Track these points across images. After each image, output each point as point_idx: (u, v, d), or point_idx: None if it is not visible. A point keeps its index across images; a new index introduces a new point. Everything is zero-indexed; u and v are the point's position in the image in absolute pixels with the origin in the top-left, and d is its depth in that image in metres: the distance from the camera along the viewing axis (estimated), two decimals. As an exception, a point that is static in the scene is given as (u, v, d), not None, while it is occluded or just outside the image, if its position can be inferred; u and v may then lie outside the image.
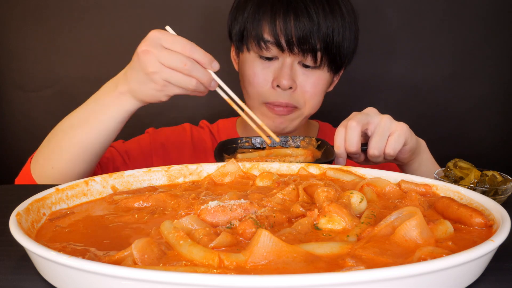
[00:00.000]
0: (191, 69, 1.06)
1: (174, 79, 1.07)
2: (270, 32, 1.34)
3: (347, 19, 1.38)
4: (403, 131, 1.12)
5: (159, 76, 1.07)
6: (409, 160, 1.21)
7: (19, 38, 1.95)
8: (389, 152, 1.12)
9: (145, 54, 1.06)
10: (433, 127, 1.98)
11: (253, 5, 1.38)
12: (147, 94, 1.12)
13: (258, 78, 1.39)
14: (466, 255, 0.58)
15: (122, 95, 1.14)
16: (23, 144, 2.02)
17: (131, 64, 1.12)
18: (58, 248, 0.66)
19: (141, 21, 1.94)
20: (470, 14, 1.91)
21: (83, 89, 1.98)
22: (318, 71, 1.39)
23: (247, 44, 1.40)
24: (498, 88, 1.96)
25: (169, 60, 1.06)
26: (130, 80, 1.12)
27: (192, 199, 0.84)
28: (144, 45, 1.08)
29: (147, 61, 1.06)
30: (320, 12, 1.33)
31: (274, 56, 1.38)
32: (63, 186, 0.87)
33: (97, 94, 1.21)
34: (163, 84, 1.08)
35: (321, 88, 1.42)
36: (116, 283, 0.55)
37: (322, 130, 1.65)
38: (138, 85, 1.11)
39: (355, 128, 1.11)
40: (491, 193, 0.99)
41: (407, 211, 0.70)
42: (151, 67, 1.06)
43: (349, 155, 1.15)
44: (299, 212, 0.77)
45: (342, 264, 0.61)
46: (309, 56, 1.36)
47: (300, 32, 1.32)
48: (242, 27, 1.40)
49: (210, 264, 0.60)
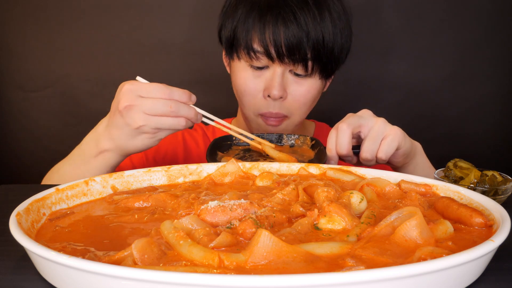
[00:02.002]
0: (177, 110, 1.06)
1: (164, 124, 1.07)
2: (259, 42, 1.32)
3: (338, 25, 1.36)
4: (396, 135, 1.12)
5: (148, 126, 1.06)
6: (403, 164, 1.21)
7: (19, 38, 1.95)
8: (381, 156, 1.12)
9: (128, 110, 1.05)
10: (433, 127, 1.98)
11: (242, 13, 1.36)
12: (137, 146, 1.11)
13: (249, 88, 1.38)
14: (466, 255, 0.58)
15: (105, 152, 1.13)
16: (23, 144, 2.03)
17: (113, 121, 1.09)
18: (58, 248, 0.66)
19: (141, 21, 1.94)
20: (470, 14, 1.91)
21: (83, 89, 1.99)
22: (309, 79, 1.38)
23: (237, 53, 1.39)
24: (498, 88, 1.97)
25: (154, 108, 1.05)
26: (116, 138, 1.10)
27: (192, 199, 0.83)
28: (123, 101, 1.06)
29: (133, 116, 1.05)
30: (310, 20, 1.31)
31: (264, 66, 1.36)
32: (63, 186, 0.87)
33: (80, 148, 1.19)
34: (154, 131, 1.08)
35: (312, 96, 1.40)
36: (116, 283, 0.55)
37: (318, 129, 1.64)
38: (126, 142, 1.10)
39: (345, 131, 1.12)
40: (491, 193, 0.99)
41: (407, 211, 0.70)
42: (139, 121, 1.05)
43: (341, 158, 1.15)
44: (299, 212, 0.77)
45: (342, 264, 0.61)
46: (300, 65, 1.34)
47: (290, 41, 1.30)
48: (232, 35, 1.38)
49: (210, 264, 0.60)
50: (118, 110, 1.07)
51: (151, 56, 1.97)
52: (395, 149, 1.12)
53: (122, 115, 1.07)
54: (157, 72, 1.98)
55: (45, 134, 2.02)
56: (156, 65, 1.97)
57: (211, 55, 1.83)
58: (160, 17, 1.94)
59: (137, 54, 1.96)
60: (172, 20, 1.94)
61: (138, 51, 1.96)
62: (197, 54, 1.97)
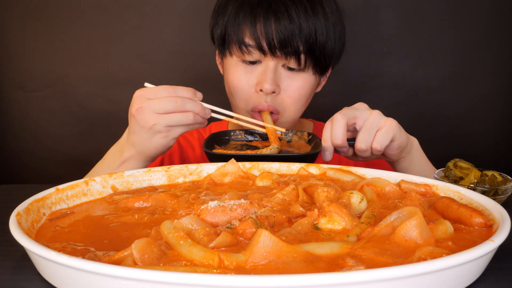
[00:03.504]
0: (183, 104, 1.10)
1: (174, 120, 1.11)
2: (251, 36, 1.32)
3: (330, 19, 1.35)
4: (391, 126, 1.12)
5: (160, 124, 1.10)
6: (398, 157, 1.20)
7: (19, 38, 1.95)
8: (376, 147, 1.12)
9: (139, 112, 1.10)
10: (433, 127, 1.98)
11: (233, 8, 1.36)
12: (156, 147, 1.14)
13: (241, 83, 1.38)
14: (466, 255, 0.58)
15: (128, 160, 1.18)
16: (23, 144, 2.03)
17: (130, 128, 1.15)
18: (58, 248, 0.66)
19: (141, 21, 1.94)
20: (470, 14, 1.91)
21: (83, 89, 1.99)
22: (303, 74, 1.37)
23: (229, 49, 1.39)
24: (498, 88, 1.96)
25: (161, 106, 1.10)
26: (136, 143, 1.15)
27: (192, 199, 0.84)
28: (134, 105, 1.12)
29: (144, 117, 1.10)
30: (302, 13, 1.31)
31: (257, 60, 1.36)
32: (63, 186, 0.87)
33: (104, 161, 1.24)
34: (167, 129, 1.12)
35: (306, 92, 1.40)
36: (116, 283, 0.55)
37: (316, 129, 1.64)
38: (145, 144, 1.14)
39: (340, 121, 1.12)
40: (491, 193, 0.99)
41: (407, 211, 0.70)
42: (150, 120, 1.10)
43: (336, 149, 1.15)
44: (299, 212, 0.77)
45: (342, 264, 0.61)
46: (293, 59, 1.33)
47: (282, 35, 1.30)
48: (223, 31, 1.38)
49: (210, 264, 0.60)
50: (132, 115, 1.12)
51: (151, 56, 1.97)
52: (390, 140, 1.12)
53: (135, 118, 1.11)
54: (157, 72, 1.98)
55: (45, 134, 2.02)
56: (156, 65, 1.97)
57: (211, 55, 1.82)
58: (160, 17, 1.94)
59: (137, 54, 1.96)
60: (172, 20, 1.94)
61: (138, 51, 1.96)
62: (196, 54, 1.97)
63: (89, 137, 2.00)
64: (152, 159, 1.19)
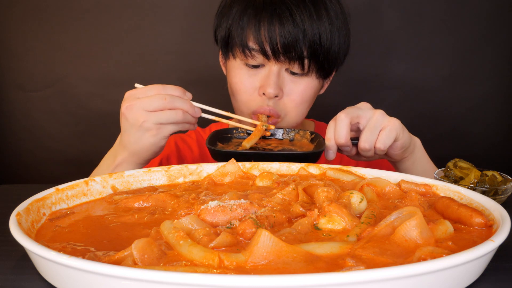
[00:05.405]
0: (172, 101, 1.11)
1: (163, 117, 1.11)
2: (254, 40, 1.31)
3: (335, 23, 1.35)
4: (394, 126, 1.12)
5: (149, 122, 1.11)
6: (401, 157, 1.20)
7: (19, 38, 1.95)
8: (380, 146, 1.12)
9: (128, 110, 1.11)
10: (433, 127, 1.98)
11: (238, 11, 1.35)
12: (147, 147, 1.14)
13: (244, 86, 1.37)
14: (466, 255, 0.58)
15: (121, 164, 1.18)
16: (23, 144, 2.03)
17: (122, 128, 1.15)
18: (58, 248, 0.66)
19: (141, 21, 1.94)
20: (470, 14, 1.91)
21: (83, 89, 1.99)
22: (306, 78, 1.37)
23: (232, 52, 1.38)
24: (498, 88, 1.97)
25: (150, 103, 1.10)
26: (127, 144, 1.15)
27: (192, 199, 0.83)
28: (124, 104, 1.13)
29: (134, 114, 1.11)
30: (306, 18, 1.30)
31: (260, 64, 1.35)
32: (63, 186, 0.87)
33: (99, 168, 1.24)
34: (156, 127, 1.12)
35: (309, 96, 1.39)
36: (116, 283, 0.55)
37: (317, 129, 1.64)
38: (136, 144, 1.14)
39: (344, 120, 1.12)
40: (491, 193, 0.99)
41: (407, 211, 0.70)
42: (140, 118, 1.10)
43: (340, 148, 1.15)
44: (299, 212, 0.77)
45: (342, 264, 0.61)
46: (296, 64, 1.33)
47: (285, 40, 1.29)
48: (227, 34, 1.38)
49: (210, 264, 0.60)
50: (122, 113, 1.12)
51: (151, 56, 1.97)
52: (393, 140, 1.12)
53: (125, 117, 1.12)
54: (156, 72, 1.98)
55: (45, 134, 2.02)
56: (155, 65, 1.97)
57: (210, 56, 1.82)
58: (159, 17, 1.94)
59: (137, 54, 1.97)
60: (171, 20, 1.94)
61: (138, 51, 1.96)
62: (196, 54, 1.97)
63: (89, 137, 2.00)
64: (145, 161, 1.19)
